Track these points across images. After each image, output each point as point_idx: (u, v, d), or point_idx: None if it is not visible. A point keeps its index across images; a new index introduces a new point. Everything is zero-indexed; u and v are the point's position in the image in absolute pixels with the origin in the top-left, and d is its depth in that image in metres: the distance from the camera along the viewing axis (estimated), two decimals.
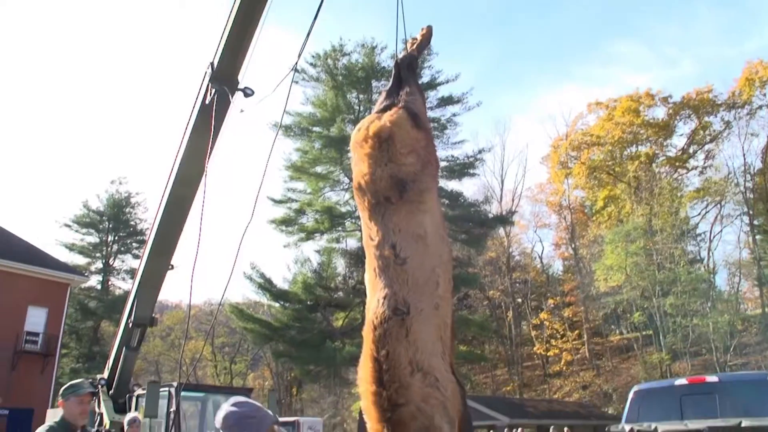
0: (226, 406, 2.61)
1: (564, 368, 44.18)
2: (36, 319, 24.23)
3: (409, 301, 2.96)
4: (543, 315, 47.40)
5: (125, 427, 7.84)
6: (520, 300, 49.65)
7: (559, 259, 52.24)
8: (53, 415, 4.10)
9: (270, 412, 2.70)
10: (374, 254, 3.13)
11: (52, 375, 25.31)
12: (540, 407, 33.02)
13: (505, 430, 24.70)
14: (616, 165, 44.21)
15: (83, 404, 4.56)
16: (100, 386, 10.33)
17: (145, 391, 9.39)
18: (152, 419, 9.34)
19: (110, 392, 10.25)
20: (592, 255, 43.39)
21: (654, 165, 43.08)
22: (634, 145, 45.17)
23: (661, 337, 35.67)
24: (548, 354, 45.64)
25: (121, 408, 10.09)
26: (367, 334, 2.97)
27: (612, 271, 36.39)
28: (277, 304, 35.53)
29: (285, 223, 33.13)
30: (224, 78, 6.51)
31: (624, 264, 35.26)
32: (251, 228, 5.50)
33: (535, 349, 46.83)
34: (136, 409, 9.89)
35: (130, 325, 9.59)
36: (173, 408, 9.14)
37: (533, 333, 47.90)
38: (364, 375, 2.92)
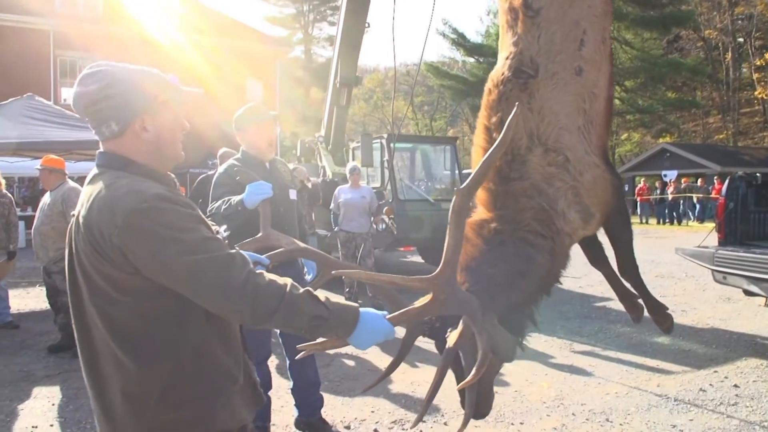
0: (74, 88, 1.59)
1: None
2: (254, 89, 26.79)
3: (539, 62, 2.47)
4: None
5: (347, 175, 8.84)
6: (741, 39, 43.98)
7: None
8: None
9: (167, 75, 1.66)
10: (504, 7, 2.65)
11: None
12: (757, 155, 30.89)
13: (715, 177, 23.66)
14: None
15: (267, 131, 3.74)
16: (319, 142, 11.64)
17: (359, 144, 10.39)
18: (368, 168, 10.44)
19: (329, 147, 11.49)
20: None
21: None
22: None
23: None
24: None
25: (339, 161, 11.35)
26: (483, 99, 2.58)
27: None
28: (471, 59, 35.45)
29: None
30: None
31: None
32: None
33: (756, 93, 42.25)
34: (353, 160, 11.05)
35: (338, 85, 10.43)
36: (386, 157, 9.99)
37: (755, 76, 42.84)
38: (476, 143, 2.55)
